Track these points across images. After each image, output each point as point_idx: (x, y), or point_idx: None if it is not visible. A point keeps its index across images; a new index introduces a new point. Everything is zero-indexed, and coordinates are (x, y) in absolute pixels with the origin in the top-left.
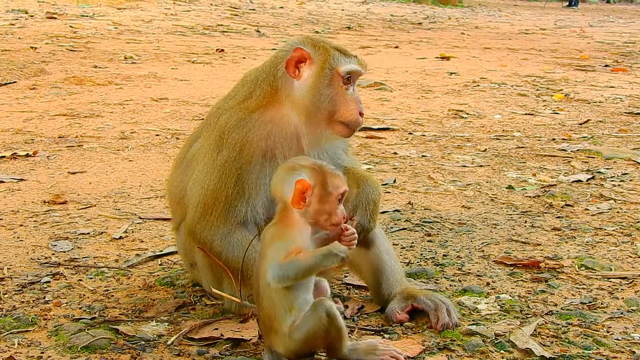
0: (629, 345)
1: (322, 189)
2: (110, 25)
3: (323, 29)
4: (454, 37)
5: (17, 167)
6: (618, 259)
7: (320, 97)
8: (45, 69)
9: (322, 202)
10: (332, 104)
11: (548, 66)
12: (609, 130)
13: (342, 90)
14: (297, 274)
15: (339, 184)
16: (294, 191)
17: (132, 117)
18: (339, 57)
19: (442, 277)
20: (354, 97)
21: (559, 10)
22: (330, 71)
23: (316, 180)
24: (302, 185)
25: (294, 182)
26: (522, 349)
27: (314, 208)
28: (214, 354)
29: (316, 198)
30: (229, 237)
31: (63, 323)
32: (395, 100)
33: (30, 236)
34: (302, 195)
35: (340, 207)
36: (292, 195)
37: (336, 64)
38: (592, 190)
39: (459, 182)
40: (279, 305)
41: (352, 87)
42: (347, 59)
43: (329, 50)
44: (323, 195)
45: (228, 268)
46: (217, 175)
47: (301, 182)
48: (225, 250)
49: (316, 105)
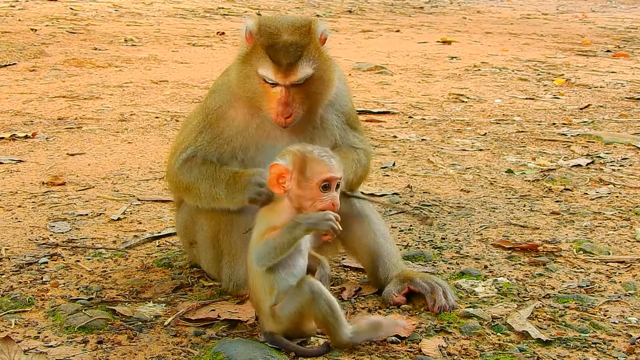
0: (626, 329)
1: (300, 174)
2: (110, 8)
3: (324, 13)
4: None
5: (16, 148)
6: (616, 243)
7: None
8: (45, 50)
9: (301, 187)
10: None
11: (549, 51)
12: (609, 115)
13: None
14: (270, 252)
15: (321, 169)
16: (270, 174)
17: (132, 99)
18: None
19: (440, 260)
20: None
21: None
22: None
23: (294, 166)
24: (277, 169)
25: (270, 166)
26: (518, 332)
27: (295, 193)
28: (211, 335)
29: (294, 183)
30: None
31: (60, 303)
32: (396, 84)
33: (28, 217)
34: (279, 180)
35: (328, 193)
36: (269, 179)
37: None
38: (591, 175)
39: (459, 165)
40: (260, 287)
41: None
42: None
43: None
44: (301, 180)
45: (190, 193)
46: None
47: (276, 166)
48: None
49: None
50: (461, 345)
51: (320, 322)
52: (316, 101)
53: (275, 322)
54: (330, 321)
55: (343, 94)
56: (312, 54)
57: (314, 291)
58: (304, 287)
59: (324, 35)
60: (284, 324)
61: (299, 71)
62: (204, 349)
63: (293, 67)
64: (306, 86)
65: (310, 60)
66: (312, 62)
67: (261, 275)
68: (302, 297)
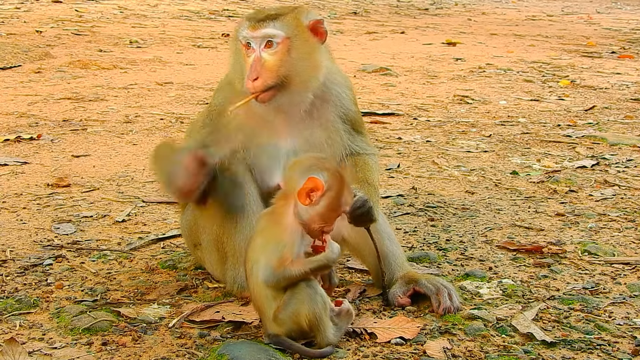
0: (631, 331)
1: (336, 198)
2: (116, 10)
3: (329, 14)
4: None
5: (21, 150)
6: (621, 244)
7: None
8: (51, 52)
9: (329, 209)
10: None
11: (554, 52)
12: (614, 117)
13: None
14: (289, 281)
15: (350, 201)
16: (304, 185)
17: (137, 101)
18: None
19: (445, 261)
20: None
21: None
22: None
23: (332, 187)
24: (314, 184)
25: (308, 178)
26: (523, 334)
27: (318, 211)
28: (215, 337)
29: (326, 202)
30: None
31: (65, 305)
32: (401, 86)
33: (33, 219)
34: (309, 193)
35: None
36: (300, 188)
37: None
38: (596, 176)
39: (463, 167)
40: (263, 294)
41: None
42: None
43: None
44: (334, 204)
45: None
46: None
47: (314, 180)
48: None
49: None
50: (466, 347)
51: (315, 319)
52: (295, 78)
53: (278, 324)
54: (324, 319)
55: (348, 97)
56: (290, 23)
57: (311, 287)
58: (301, 284)
59: (314, 23)
60: (287, 325)
61: (267, 27)
62: (209, 350)
63: (262, 22)
64: (281, 55)
65: (285, 27)
66: (287, 28)
67: (265, 286)
68: (300, 294)
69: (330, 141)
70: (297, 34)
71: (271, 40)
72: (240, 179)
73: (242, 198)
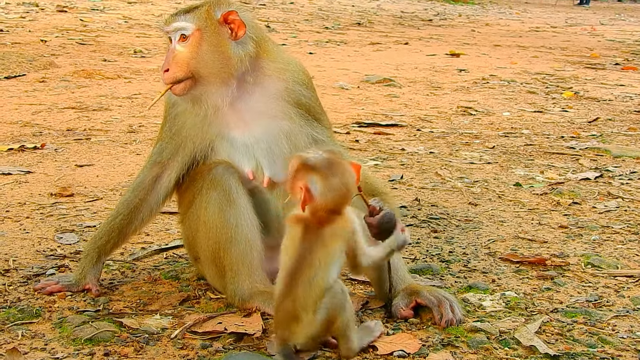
0: (634, 344)
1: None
2: (120, 19)
3: (333, 25)
4: (464, 34)
5: (24, 159)
6: (625, 257)
7: None
8: (55, 62)
9: (337, 202)
10: None
11: (558, 64)
12: (618, 129)
13: None
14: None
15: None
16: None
17: (141, 110)
18: None
19: (448, 273)
20: None
21: (570, 8)
22: None
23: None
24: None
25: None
26: (526, 346)
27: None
28: (218, 348)
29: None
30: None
31: (67, 315)
32: (404, 97)
33: (36, 228)
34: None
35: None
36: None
37: None
38: (600, 188)
39: (467, 178)
40: (312, 295)
41: None
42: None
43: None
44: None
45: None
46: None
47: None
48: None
49: None
50: (468, 359)
51: (345, 327)
52: (206, 70)
53: (312, 327)
54: (351, 325)
55: (297, 80)
56: (201, 16)
57: (345, 291)
58: (336, 287)
59: (226, 14)
60: (317, 329)
61: (178, 20)
62: None
63: (175, 16)
64: (191, 47)
65: (196, 19)
66: (197, 21)
67: (317, 286)
68: (335, 297)
69: (289, 128)
70: (207, 26)
71: (184, 34)
72: (233, 195)
73: (237, 215)
